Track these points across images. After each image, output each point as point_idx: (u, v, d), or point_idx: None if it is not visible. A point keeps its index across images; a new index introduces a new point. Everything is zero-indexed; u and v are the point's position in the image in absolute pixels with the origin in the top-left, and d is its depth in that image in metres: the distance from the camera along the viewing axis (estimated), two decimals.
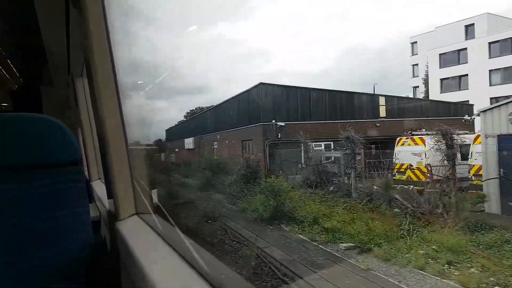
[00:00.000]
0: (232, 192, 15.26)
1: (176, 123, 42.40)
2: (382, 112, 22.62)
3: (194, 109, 43.63)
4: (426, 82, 42.28)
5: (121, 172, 1.54)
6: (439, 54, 38.82)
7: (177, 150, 34.05)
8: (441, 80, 38.64)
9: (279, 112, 20.64)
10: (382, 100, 22.95)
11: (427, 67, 41.75)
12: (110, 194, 1.61)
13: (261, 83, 21.31)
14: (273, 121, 20.27)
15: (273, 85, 21.81)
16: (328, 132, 18.96)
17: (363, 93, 23.63)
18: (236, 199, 14.31)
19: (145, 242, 1.28)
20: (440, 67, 39.01)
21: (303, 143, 17.66)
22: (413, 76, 45.69)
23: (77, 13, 1.65)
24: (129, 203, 1.57)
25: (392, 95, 24.44)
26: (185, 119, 43.08)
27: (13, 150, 1.25)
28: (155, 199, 1.69)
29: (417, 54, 44.48)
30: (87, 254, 1.31)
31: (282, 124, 20.23)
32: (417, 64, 44.95)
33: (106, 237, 1.82)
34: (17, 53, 3.49)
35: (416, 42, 45.01)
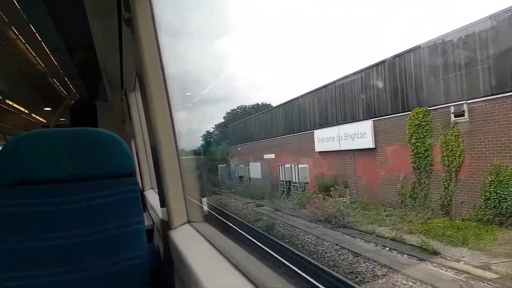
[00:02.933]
0: None
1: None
2: None
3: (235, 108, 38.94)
4: None
5: (173, 181, 1.59)
6: None
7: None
8: None
9: None
10: None
11: None
12: (163, 203, 1.66)
13: None
14: None
15: None
16: None
17: None
18: None
19: (198, 250, 1.30)
20: None
21: None
22: None
23: (130, 32, 1.75)
24: (181, 212, 1.61)
25: None
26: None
27: (75, 162, 1.34)
28: (205, 207, 1.72)
29: None
30: (144, 262, 1.36)
31: None
32: None
33: (159, 245, 1.88)
34: (73, 71, 3.73)
35: None
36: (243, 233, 9.78)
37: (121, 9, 1.89)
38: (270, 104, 34.08)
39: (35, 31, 4.11)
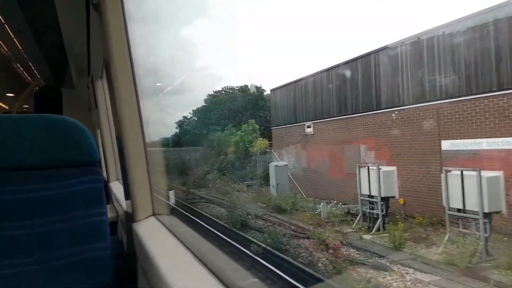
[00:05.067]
0: None
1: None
2: None
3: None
4: None
5: (139, 173, 1.56)
6: None
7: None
8: None
9: None
10: None
11: None
12: (128, 195, 1.62)
13: None
14: None
15: None
16: None
17: None
18: None
19: (162, 243, 1.29)
20: None
21: None
22: None
23: (97, 17, 1.69)
24: (146, 204, 1.58)
25: None
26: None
27: (35, 150, 1.29)
28: (172, 200, 1.70)
29: None
30: (107, 254, 1.33)
31: None
32: None
33: (123, 237, 1.85)
34: (38, 55, 3.58)
35: None
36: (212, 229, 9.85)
37: None
38: (260, 87, 31.94)
39: None
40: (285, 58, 43.42)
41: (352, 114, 15.25)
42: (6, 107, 9.57)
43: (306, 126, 18.20)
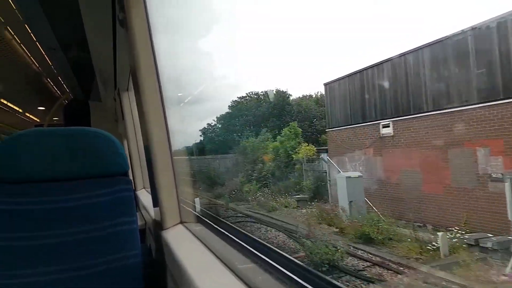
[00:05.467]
0: None
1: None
2: None
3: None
4: None
5: (166, 181, 1.59)
6: None
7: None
8: None
9: None
10: None
11: None
12: (156, 203, 1.66)
13: None
14: None
15: None
16: None
17: None
18: None
19: (191, 250, 1.30)
20: None
21: None
22: None
23: (123, 32, 1.75)
24: (174, 212, 1.61)
25: None
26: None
27: (68, 162, 1.34)
28: (198, 208, 1.73)
29: None
30: (138, 262, 1.36)
31: None
32: None
33: (151, 245, 1.88)
34: (67, 70, 3.73)
35: None
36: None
37: (116, 9, 1.89)
38: (286, 91, 30.28)
39: (30, 31, 4.11)
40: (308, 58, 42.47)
41: (461, 106, 10.39)
42: (38, 120, 9.99)
43: (381, 126, 13.68)
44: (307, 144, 19.60)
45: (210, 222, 1.56)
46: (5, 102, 7.84)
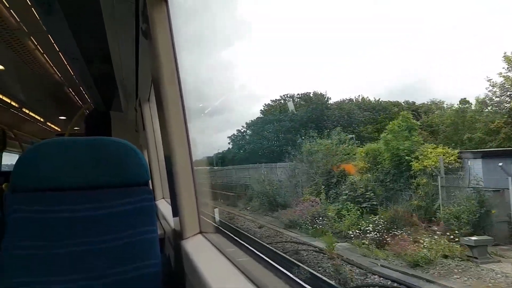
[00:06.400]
0: None
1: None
2: None
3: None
4: None
5: (186, 192, 1.59)
6: None
7: None
8: None
9: None
10: None
11: None
12: (176, 212, 1.65)
13: None
14: None
15: None
16: None
17: None
18: None
19: (210, 261, 1.29)
20: None
21: None
22: None
23: (146, 43, 1.77)
24: (193, 222, 1.60)
25: None
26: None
27: (92, 171, 1.35)
28: (217, 218, 1.71)
29: None
30: (158, 271, 1.35)
31: None
32: None
33: (170, 255, 1.87)
34: (89, 81, 3.81)
35: None
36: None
37: (139, 20, 1.93)
38: (324, 94, 28.90)
39: (53, 42, 4.22)
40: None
41: None
42: (59, 130, 10.21)
43: None
44: (433, 144, 13.66)
45: (227, 230, 1.53)
46: (27, 111, 8.03)
